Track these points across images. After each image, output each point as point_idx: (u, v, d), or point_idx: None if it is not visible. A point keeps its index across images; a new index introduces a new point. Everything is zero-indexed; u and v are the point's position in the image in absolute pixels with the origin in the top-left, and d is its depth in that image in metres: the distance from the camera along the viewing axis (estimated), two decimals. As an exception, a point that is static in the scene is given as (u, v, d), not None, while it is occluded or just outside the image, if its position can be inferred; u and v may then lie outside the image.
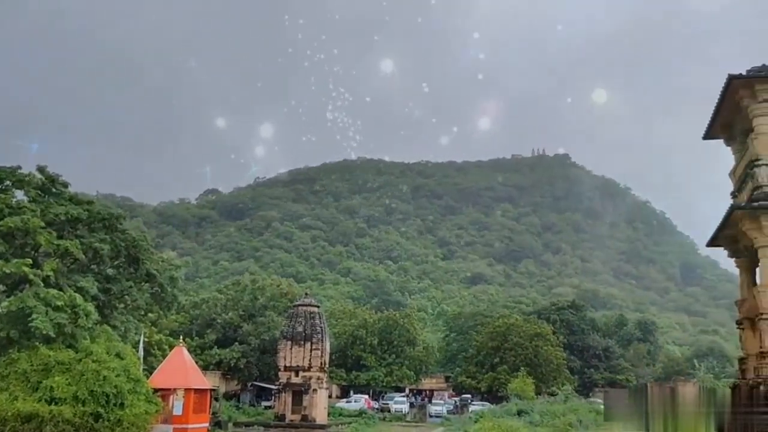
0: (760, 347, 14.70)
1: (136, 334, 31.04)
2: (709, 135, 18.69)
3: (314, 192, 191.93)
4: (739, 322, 17.99)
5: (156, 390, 23.73)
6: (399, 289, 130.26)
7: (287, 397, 38.59)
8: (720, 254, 19.17)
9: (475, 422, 36.36)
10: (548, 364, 65.21)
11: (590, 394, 66.64)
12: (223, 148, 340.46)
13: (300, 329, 39.42)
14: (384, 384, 64.01)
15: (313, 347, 39.20)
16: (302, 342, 39.16)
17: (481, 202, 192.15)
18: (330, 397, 48.80)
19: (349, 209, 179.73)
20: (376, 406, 56.44)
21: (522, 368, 60.41)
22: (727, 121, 17.29)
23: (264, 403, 52.30)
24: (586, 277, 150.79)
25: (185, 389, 26.48)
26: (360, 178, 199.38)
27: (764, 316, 14.57)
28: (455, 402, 61.81)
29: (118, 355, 22.43)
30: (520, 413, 38.88)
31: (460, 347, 76.24)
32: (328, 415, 41.48)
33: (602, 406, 44.59)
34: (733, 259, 17.95)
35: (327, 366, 40.74)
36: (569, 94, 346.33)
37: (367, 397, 58.52)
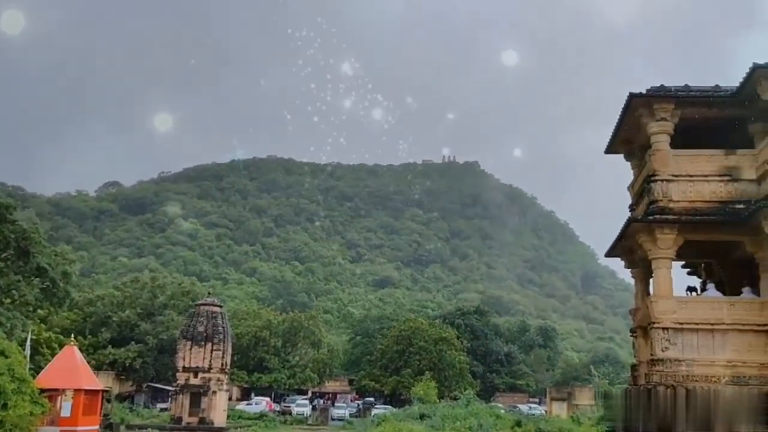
0: (651, 354, 15.18)
1: (23, 331, 29.30)
2: (610, 150, 19.25)
3: (221, 189, 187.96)
4: (632, 330, 18.62)
5: (43, 390, 22.47)
6: (305, 290, 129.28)
7: (185, 399, 37.42)
8: (618, 264, 20.03)
9: (377, 426, 36.27)
10: (452, 368, 66.17)
11: (492, 399, 67.93)
12: (127, 139, 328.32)
13: (201, 329, 38.37)
14: (287, 386, 63.23)
15: (214, 348, 38.23)
16: (203, 342, 38.13)
17: (390, 206, 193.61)
18: (230, 399, 47.73)
19: (257, 208, 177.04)
20: (278, 408, 55.63)
21: (426, 372, 60.99)
22: (627, 137, 17.81)
23: (160, 406, 50.58)
24: (492, 283, 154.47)
25: (74, 390, 25.16)
26: (269, 176, 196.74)
27: (656, 325, 15.04)
28: (358, 405, 61.75)
29: (2, 353, 21.04)
30: (422, 417, 39.06)
31: (365, 350, 76.31)
32: (228, 417, 40.50)
33: (502, 410, 45.73)
34: (630, 269, 18.56)
35: (228, 367, 39.87)
36: (481, 103, 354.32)
37: (268, 399, 57.64)
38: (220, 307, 40.71)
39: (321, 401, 65.88)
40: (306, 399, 61.61)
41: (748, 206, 14.91)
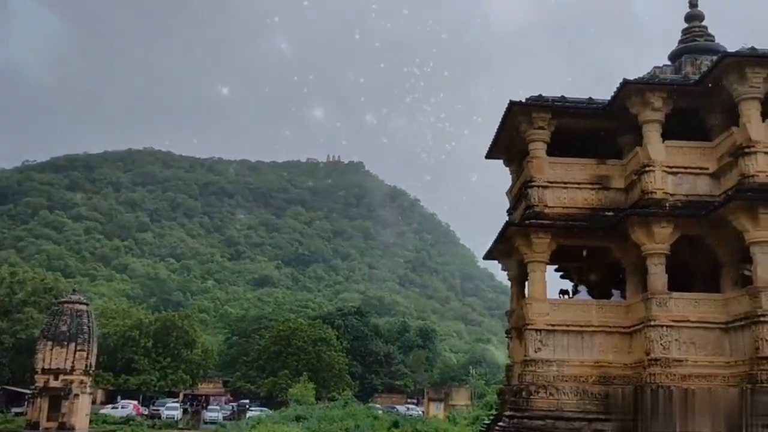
0: (525, 355, 15.56)
1: None
2: (490, 155, 19.65)
3: (92, 180, 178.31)
4: (508, 332, 19.08)
5: None
6: (180, 288, 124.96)
7: (43, 403, 35.08)
8: (496, 267, 20.29)
9: (252, 428, 35.58)
10: (330, 369, 66.02)
11: (370, 399, 68.31)
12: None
13: (64, 328, 36.09)
14: (157, 388, 60.70)
15: (78, 348, 36.06)
16: (66, 342, 35.88)
17: (273, 204, 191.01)
18: (94, 402, 45.19)
19: (131, 201, 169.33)
20: (146, 412, 53.34)
21: (304, 373, 60.46)
22: (507, 143, 18.21)
23: (15, 410, 47.10)
24: (373, 283, 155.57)
25: None
26: (145, 169, 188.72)
27: (529, 327, 15.44)
28: (232, 407, 60.33)
29: None
30: (298, 419, 38.67)
31: (242, 351, 74.65)
32: (91, 422, 38.29)
33: (380, 411, 46.04)
34: (506, 272, 19.02)
35: (93, 369, 37.76)
36: (367, 104, 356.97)
37: (136, 402, 55.10)
38: (86, 304, 38.48)
39: (193, 404, 63.79)
40: (177, 402, 59.43)
41: (616, 214, 15.58)
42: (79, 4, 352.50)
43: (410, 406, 65.34)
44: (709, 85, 14.61)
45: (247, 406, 59.03)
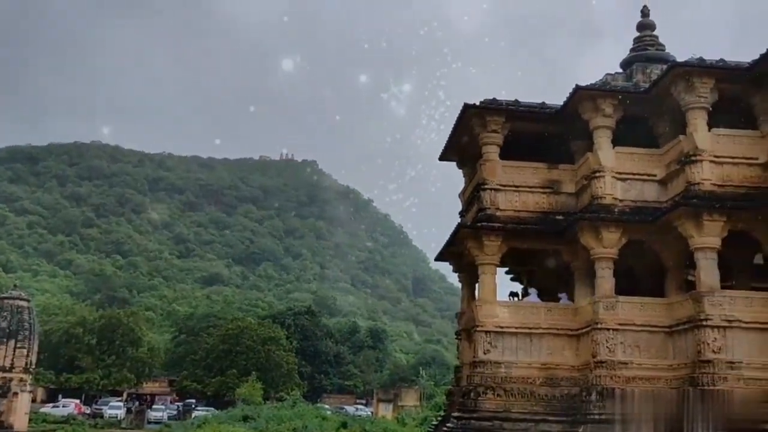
0: (474, 357, 15.66)
1: None
2: (444, 157, 19.74)
3: (36, 173, 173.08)
4: (458, 333, 19.17)
5: None
6: (126, 285, 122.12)
7: (-20, 402, 33.74)
8: (447, 269, 20.37)
9: (198, 428, 35.06)
10: (279, 368, 65.52)
11: (319, 400, 68.06)
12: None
13: (3, 325, 34.82)
14: (100, 387, 59.30)
15: (18, 345, 34.81)
16: (5, 339, 34.61)
17: (224, 201, 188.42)
18: (34, 401, 43.81)
19: (76, 196, 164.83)
20: (88, 411, 52.05)
21: (252, 373, 59.83)
22: (461, 146, 18.30)
23: (-50, 409, 45.26)
24: (324, 283, 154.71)
25: None
26: (92, 163, 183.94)
27: (479, 328, 15.55)
28: (178, 407, 59.32)
29: None
30: (246, 418, 38.25)
31: (189, 350, 73.40)
32: (30, 421, 37.09)
33: (329, 412, 45.87)
34: (458, 274, 19.12)
35: (33, 367, 36.60)
36: (322, 103, 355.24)
37: (77, 401, 53.69)
38: (28, 301, 37.23)
39: (137, 403, 62.49)
40: (120, 401, 58.17)
41: (567, 218, 15.80)
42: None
43: (359, 406, 65.28)
44: (659, 93, 14.95)
45: (193, 406, 58.15)
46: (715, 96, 14.08)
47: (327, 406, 54.72)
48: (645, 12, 18.30)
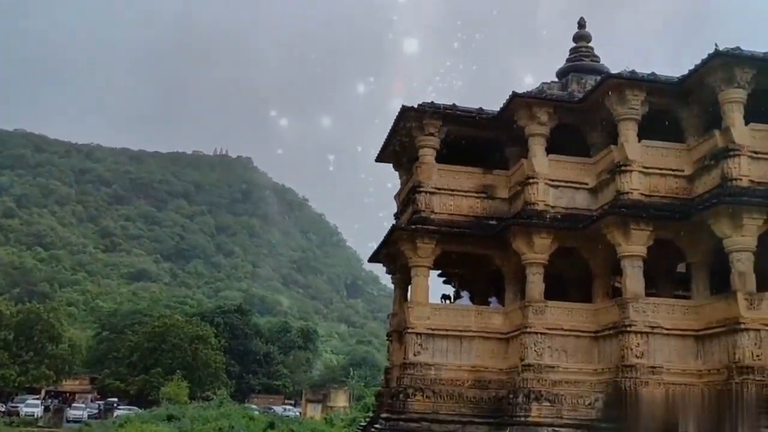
0: (404, 358, 15.69)
1: None
2: (381, 158, 19.75)
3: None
4: (389, 335, 19.19)
5: None
6: (48, 279, 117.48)
7: None
8: (381, 270, 20.38)
9: (120, 427, 34.06)
10: (206, 367, 64.31)
11: (246, 400, 67.21)
12: None
13: None
14: (16, 384, 56.86)
15: (-73, 341, 33.14)
16: None
17: (154, 195, 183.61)
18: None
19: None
20: (3, 409, 49.87)
21: (178, 371, 58.48)
22: (398, 148, 18.34)
23: None
24: (256, 282, 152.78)
25: None
26: (15, 152, 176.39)
27: (410, 330, 15.60)
28: (99, 406, 57.51)
29: None
30: (170, 418, 37.30)
31: (112, 347, 71.07)
32: (-63, 421, 35.26)
33: (256, 412, 45.27)
34: (391, 275, 19.14)
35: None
36: (259, 99, 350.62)
37: (-9, 399, 51.37)
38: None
39: (56, 401, 60.14)
40: (38, 399, 55.93)
41: (500, 222, 16.02)
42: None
43: (288, 407, 64.70)
44: (592, 103, 15.32)
45: (115, 405, 56.45)
46: (645, 108, 14.51)
47: (255, 406, 54.00)
48: (582, 24, 18.76)
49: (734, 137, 13.06)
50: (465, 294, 17.51)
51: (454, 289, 19.65)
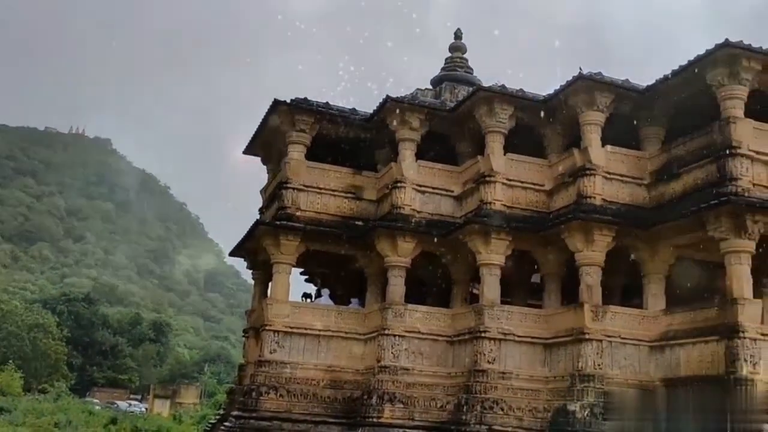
0: (260, 355, 15.38)
1: None
2: (249, 151, 19.28)
3: None
4: (246, 331, 18.74)
5: None
6: None
7: None
8: (242, 264, 19.87)
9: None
10: (45, 358, 60.22)
11: (88, 393, 63.85)
12: None
13: None
14: None
15: None
16: None
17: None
18: None
19: None
20: None
21: (10, 361, 54.29)
22: (267, 142, 17.99)
23: None
24: (108, 270, 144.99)
25: None
26: None
27: (268, 327, 15.32)
28: None
29: None
30: (0, 411, 34.68)
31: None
32: None
33: (98, 407, 42.97)
34: (252, 271, 18.69)
35: None
36: (124, 78, 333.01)
37: None
38: None
39: None
40: None
41: (366, 224, 16.05)
42: None
43: (133, 402, 61.97)
44: (463, 113, 15.69)
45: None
46: (512, 122, 15.03)
47: (96, 401, 51.39)
48: (458, 35, 19.22)
49: (591, 157, 13.76)
50: (325, 293, 17.43)
51: (316, 288, 19.49)
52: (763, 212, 11.85)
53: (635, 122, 14.64)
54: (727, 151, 12.18)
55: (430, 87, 18.16)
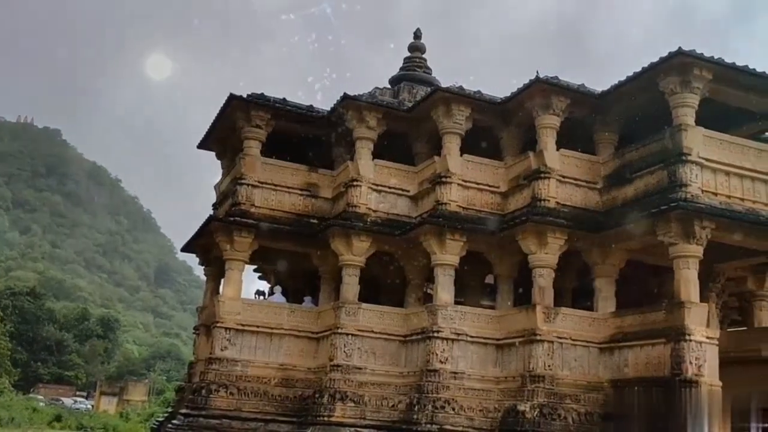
0: (210, 353, 15.21)
1: None
2: (203, 145, 19.01)
3: None
4: (196, 328, 18.46)
5: None
6: None
7: None
8: (194, 260, 19.58)
9: None
10: (-11, 353, 58.55)
11: (32, 390, 62.26)
12: None
13: None
14: None
15: None
16: None
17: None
18: None
19: None
20: None
21: (-50, 357, 52.63)
22: (222, 136, 17.80)
23: None
24: (55, 264, 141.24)
25: None
26: None
27: (219, 324, 15.16)
28: None
29: None
30: (-65, 409, 33.46)
31: None
32: None
33: (42, 404, 41.88)
34: (204, 267, 18.42)
35: None
36: (76, 68, 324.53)
37: None
38: None
39: None
40: None
41: (321, 222, 15.95)
42: None
43: (78, 399, 60.61)
44: (420, 114, 15.70)
45: None
46: (469, 124, 15.07)
47: (41, 397, 50.08)
48: (417, 35, 19.23)
49: (546, 160, 13.90)
50: (278, 290, 17.28)
51: (269, 286, 19.31)
52: (710, 218, 12.12)
53: (590, 127, 14.86)
54: (678, 158, 12.42)
55: (389, 86, 18.13)
